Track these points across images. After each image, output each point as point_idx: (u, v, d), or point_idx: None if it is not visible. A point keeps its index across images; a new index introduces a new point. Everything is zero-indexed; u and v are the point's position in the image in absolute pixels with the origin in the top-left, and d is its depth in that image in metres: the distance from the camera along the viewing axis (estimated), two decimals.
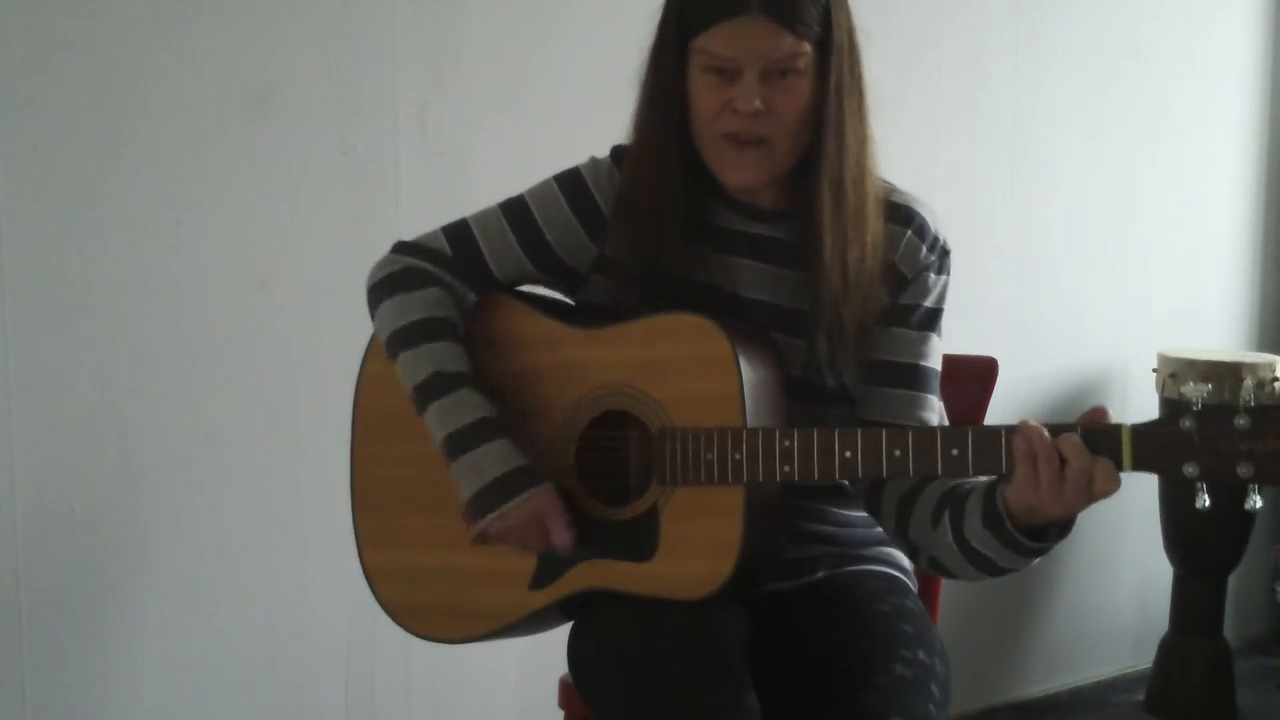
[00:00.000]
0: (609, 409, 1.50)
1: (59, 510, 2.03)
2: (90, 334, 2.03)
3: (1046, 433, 1.30)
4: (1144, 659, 3.29)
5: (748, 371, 1.42)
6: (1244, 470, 1.24)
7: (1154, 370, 3.03)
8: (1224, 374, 2.80)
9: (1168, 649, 3.17)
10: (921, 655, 1.42)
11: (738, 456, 1.41)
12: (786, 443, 1.40)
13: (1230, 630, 3.21)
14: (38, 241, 1.98)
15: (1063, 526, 1.36)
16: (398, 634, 1.61)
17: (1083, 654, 3.31)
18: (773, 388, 1.47)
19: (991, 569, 1.41)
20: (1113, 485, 1.28)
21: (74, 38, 1.98)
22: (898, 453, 1.37)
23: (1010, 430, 1.32)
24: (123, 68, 2.02)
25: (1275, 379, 1.28)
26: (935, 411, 1.56)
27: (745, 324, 1.50)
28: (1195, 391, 1.27)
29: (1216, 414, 1.25)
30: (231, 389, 2.15)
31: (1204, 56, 3.38)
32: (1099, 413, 1.32)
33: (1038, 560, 1.39)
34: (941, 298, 1.56)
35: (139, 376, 2.07)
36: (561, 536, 1.46)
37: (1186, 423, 1.26)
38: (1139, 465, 1.29)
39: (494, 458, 1.47)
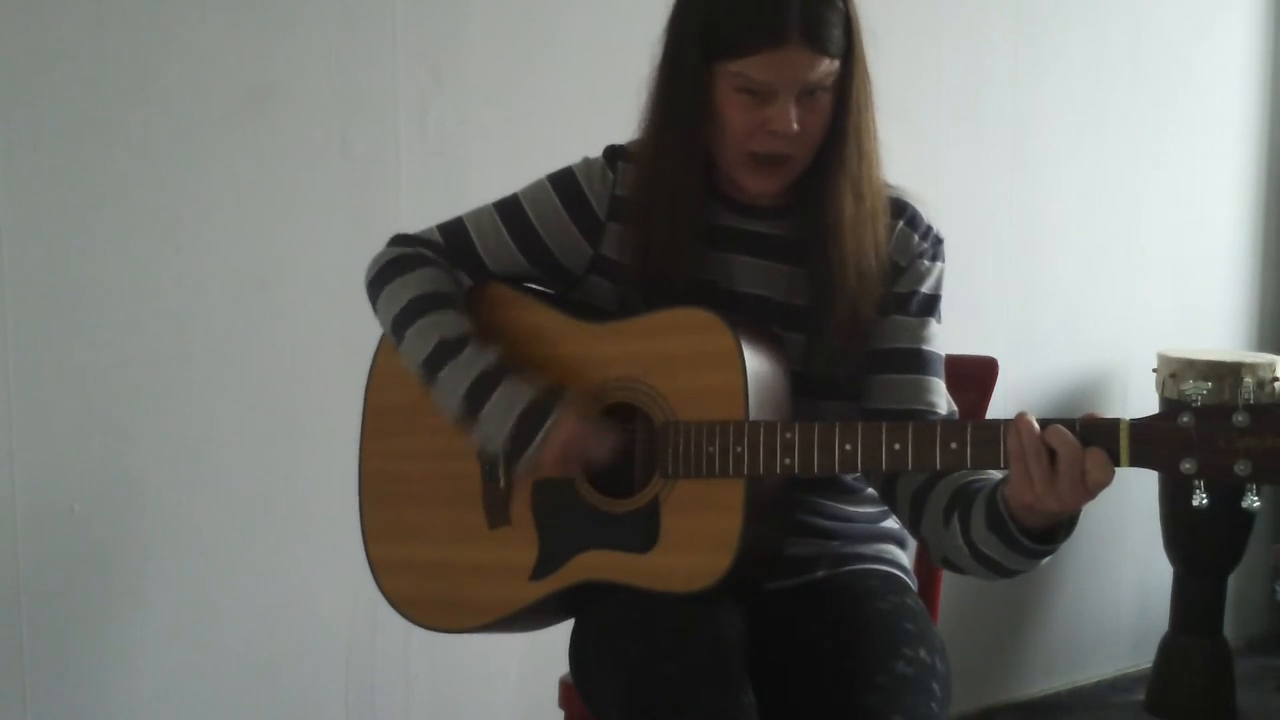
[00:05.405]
0: (615, 402, 1.51)
1: (59, 510, 2.03)
2: (90, 334, 2.03)
3: (1036, 427, 1.29)
4: (1144, 659, 3.29)
5: (752, 366, 1.43)
6: (1241, 468, 1.22)
7: (1154, 370, 3.03)
8: (1224, 374, 2.80)
9: (1168, 649, 3.16)
10: (923, 653, 1.42)
11: (739, 449, 1.41)
12: (788, 435, 1.40)
13: (1230, 630, 3.21)
14: (38, 241, 1.98)
15: (1067, 525, 1.36)
16: (398, 633, 1.62)
17: (1083, 654, 3.31)
18: (778, 383, 1.47)
19: (1001, 570, 1.42)
20: (1106, 475, 1.27)
21: (74, 38, 1.98)
22: (897, 446, 1.37)
23: (1009, 425, 1.32)
24: (123, 68, 2.02)
25: (1275, 379, 1.27)
26: (942, 396, 1.56)
27: (750, 320, 1.50)
28: (1195, 389, 1.26)
29: (1215, 411, 1.24)
30: (231, 389, 2.15)
31: (1204, 57, 3.38)
32: (1092, 415, 1.31)
33: (1045, 561, 1.39)
34: (938, 285, 1.58)
35: (139, 376, 2.07)
36: (601, 446, 1.47)
37: (1185, 419, 1.25)
38: (1136, 460, 1.28)
39: (503, 406, 1.47)
